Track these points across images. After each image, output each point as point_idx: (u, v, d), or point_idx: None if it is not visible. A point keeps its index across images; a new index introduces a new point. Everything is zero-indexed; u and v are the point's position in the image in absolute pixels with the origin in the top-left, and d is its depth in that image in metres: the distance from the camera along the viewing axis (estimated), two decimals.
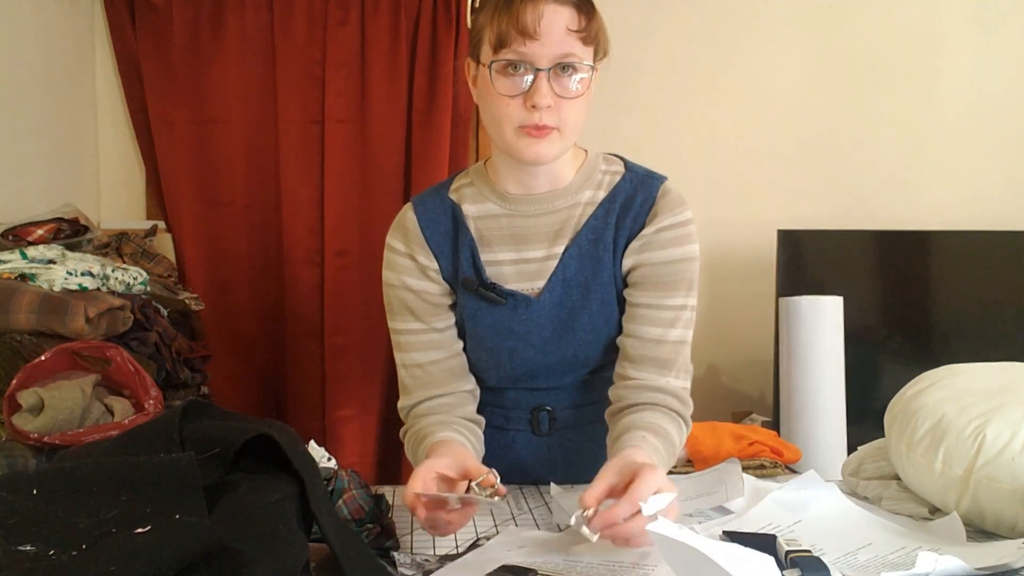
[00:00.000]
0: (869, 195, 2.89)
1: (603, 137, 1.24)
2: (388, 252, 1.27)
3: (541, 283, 1.22)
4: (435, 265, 1.24)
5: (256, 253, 2.67)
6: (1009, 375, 1.14)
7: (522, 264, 1.22)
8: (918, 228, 2.79)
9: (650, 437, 1.09)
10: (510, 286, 1.22)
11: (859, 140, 2.88)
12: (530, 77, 1.10)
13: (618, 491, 0.93)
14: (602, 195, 1.22)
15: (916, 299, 2.75)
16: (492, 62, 1.11)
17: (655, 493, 0.91)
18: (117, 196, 2.67)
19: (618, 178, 1.24)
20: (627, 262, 1.21)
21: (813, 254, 2.68)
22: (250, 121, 2.62)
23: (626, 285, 1.23)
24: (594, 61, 1.13)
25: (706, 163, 2.83)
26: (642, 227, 1.20)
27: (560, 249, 1.21)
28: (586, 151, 1.26)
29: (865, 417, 2.37)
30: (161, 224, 2.59)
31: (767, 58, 2.86)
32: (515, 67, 1.10)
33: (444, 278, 1.25)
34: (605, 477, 0.95)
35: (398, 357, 1.27)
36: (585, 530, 0.90)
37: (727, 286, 2.82)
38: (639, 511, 0.89)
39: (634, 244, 1.21)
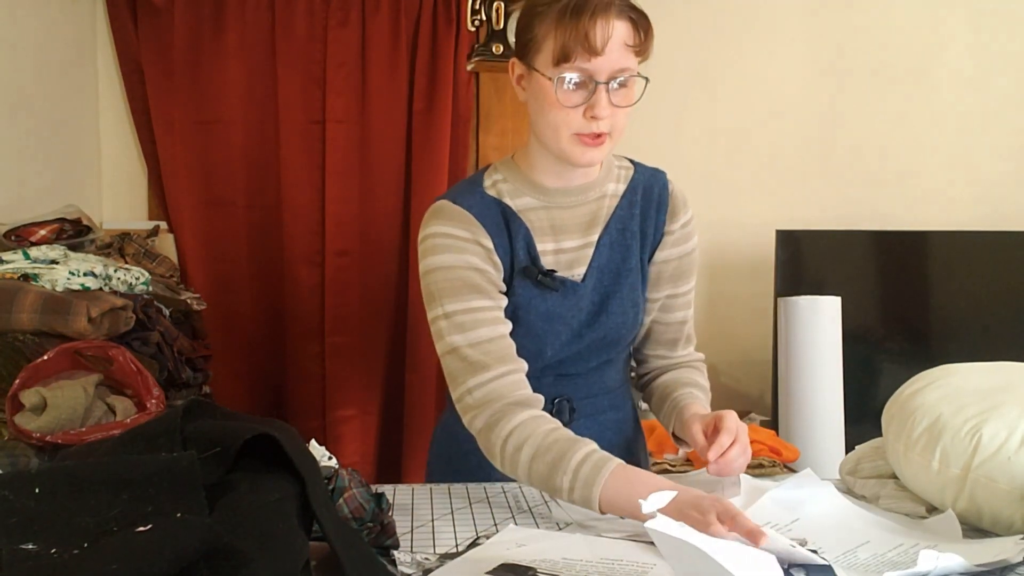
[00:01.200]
0: (868, 195, 2.89)
1: None
2: (443, 239, 1.24)
3: (580, 270, 1.30)
4: (495, 251, 1.26)
5: (257, 253, 2.66)
6: (1005, 375, 1.15)
7: (560, 254, 1.29)
8: (916, 228, 2.79)
9: (695, 391, 1.33)
10: None
11: (858, 140, 2.89)
12: (588, 86, 1.15)
13: (708, 432, 1.19)
14: (623, 187, 1.33)
15: (914, 299, 2.75)
16: (558, 77, 1.15)
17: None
18: (119, 196, 2.67)
19: (631, 172, 1.35)
20: (661, 255, 1.34)
21: (812, 254, 2.69)
22: (251, 121, 2.62)
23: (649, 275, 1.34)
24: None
25: (705, 163, 2.83)
26: (664, 217, 1.33)
27: (595, 238, 1.30)
28: None
29: (863, 417, 2.37)
30: (163, 224, 2.59)
31: (767, 58, 2.86)
32: (576, 78, 1.16)
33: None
34: (696, 431, 1.20)
35: (458, 339, 1.20)
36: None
37: (726, 286, 2.82)
38: (735, 441, 1.14)
39: (668, 239, 1.34)
